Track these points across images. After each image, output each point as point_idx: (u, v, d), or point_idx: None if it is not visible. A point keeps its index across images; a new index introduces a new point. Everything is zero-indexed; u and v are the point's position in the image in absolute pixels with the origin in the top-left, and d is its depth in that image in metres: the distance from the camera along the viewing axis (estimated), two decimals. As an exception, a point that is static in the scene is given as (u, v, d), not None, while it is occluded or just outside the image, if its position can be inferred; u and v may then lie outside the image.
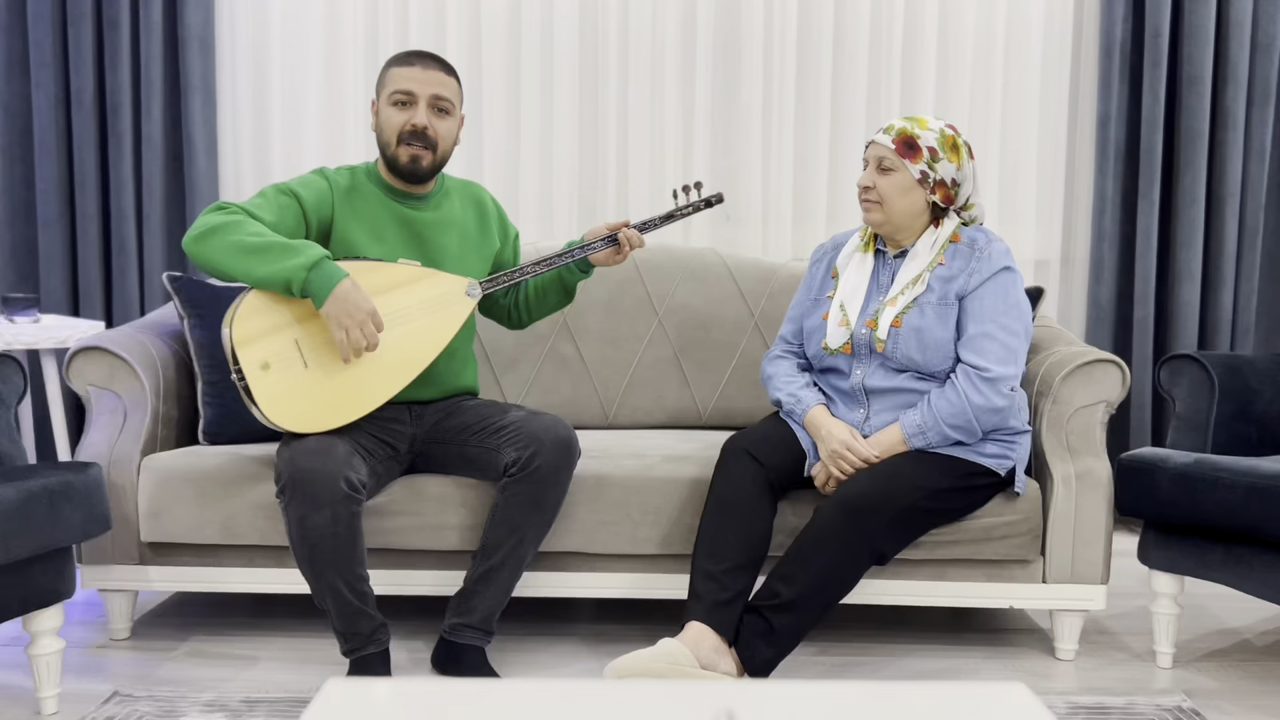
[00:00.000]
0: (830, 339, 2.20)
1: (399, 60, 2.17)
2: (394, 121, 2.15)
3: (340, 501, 1.96)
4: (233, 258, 1.98)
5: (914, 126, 2.14)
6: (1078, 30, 3.25)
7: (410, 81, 2.14)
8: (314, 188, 2.16)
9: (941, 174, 2.14)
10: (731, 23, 3.23)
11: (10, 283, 3.29)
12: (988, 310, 2.11)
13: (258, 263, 1.97)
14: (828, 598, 2.02)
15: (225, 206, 2.05)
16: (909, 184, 2.14)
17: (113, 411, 2.35)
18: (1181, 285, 3.19)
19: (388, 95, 2.16)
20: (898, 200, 2.14)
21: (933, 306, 2.13)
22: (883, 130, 2.17)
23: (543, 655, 2.31)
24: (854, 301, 2.20)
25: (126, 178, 3.20)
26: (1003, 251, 2.15)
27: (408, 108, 2.15)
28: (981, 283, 2.12)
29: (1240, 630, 2.51)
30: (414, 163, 2.16)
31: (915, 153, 2.12)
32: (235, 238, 1.98)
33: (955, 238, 2.18)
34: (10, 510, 1.80)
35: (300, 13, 3.24)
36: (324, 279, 1.97)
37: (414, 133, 2.14)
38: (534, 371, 2.81)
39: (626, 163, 3.25)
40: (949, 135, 2.15)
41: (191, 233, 2.01)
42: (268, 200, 2.10)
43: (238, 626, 2.47)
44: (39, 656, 1.99)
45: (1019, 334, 2.12)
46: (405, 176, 2.19)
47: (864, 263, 2.24)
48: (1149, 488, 2.20)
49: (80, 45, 3.16)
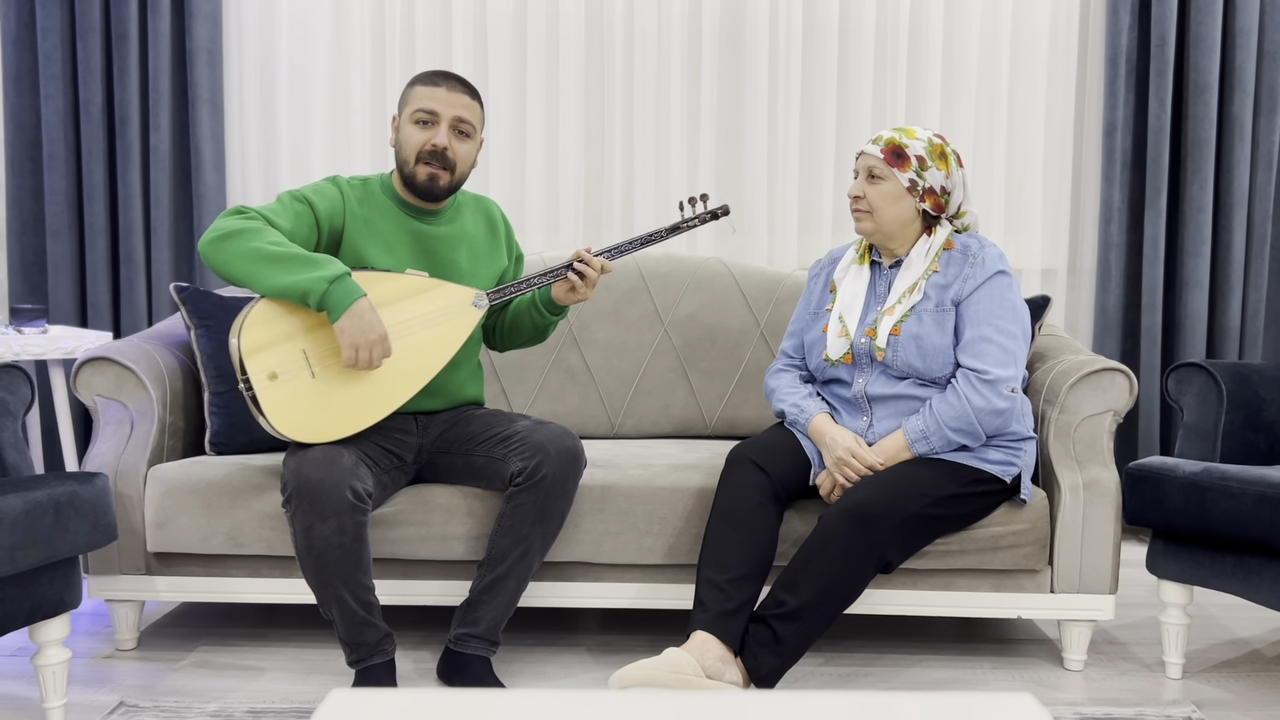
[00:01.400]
0: (830, 350, 2.21)
1: (425, 80, 2.17)
2: (414, 140, 2.16)
3: (346, 512, 1.96)
4: (250, 264, 1.98)
5: (902, 136, 2.17)
6: (1084, 39, 3.25)
7: (434, 101, 2.15)
8: (327, 196, 2.17)
9: (930, 182, 2.16)
10: (737, 33, 3.24)
11: (18, 294, 3.31)
12: (984, 314, 2.12)
13: (277, 271, 1.98)
14: (834, 606, 2.02)
15: (244, 211, 2.05)
16: (898, 192, 2.16)
17: (120, 422, 2.36)
18: (1189, 294, 3.18)
19: (410, 113, 2.16)
20: (887, 209, 2.16)
21: (930, 313, 2.14)
22: (871, 141, 2.20)
23: (548, 666, 2.30)
24: (852, 312, 2.22)
25: (134, 189, 3.22)
26: (996, 256, 2.17)
27: (429, 127, 2.15)
28: (976, 287, 2.13)
29: (1250, 641, 2.50)
30: (431, 181, 2.17)
31: (903, 161, 2.15)
32: (255, 244, 1.99)
33: (949, 245, 2.20)
34: (17, 520, 1.80)
35: (307, 26, 3.25)
36: (344, 294, 1.98)
37: (433, 153, 2.15)
38: (540, 381, 2.81)
39: (632, 173, 3.26)
40: (937, 144, 2.18)
41: (209, 235, 2.01)
42: (284, 207, 2.11)
43: (244, 637, 2.47)
44: (45, 667, 1.99)
45: (1016, 336, 2.13)
46: (422, 195, 2.20)
47: (860, 274, 2.25)
48: (1157, 497, 2.19)
49: (89, 58, 3.18)
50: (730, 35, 3.24)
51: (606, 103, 3.24)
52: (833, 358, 2.21)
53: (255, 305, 2.02)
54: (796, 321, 2.37)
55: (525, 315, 2.31)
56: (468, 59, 3.24)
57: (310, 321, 2.04)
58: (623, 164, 3.25)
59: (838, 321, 2.23)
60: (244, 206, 2.06)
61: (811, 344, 2.29)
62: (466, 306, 2.15)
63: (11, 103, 3.25)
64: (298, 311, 2.03)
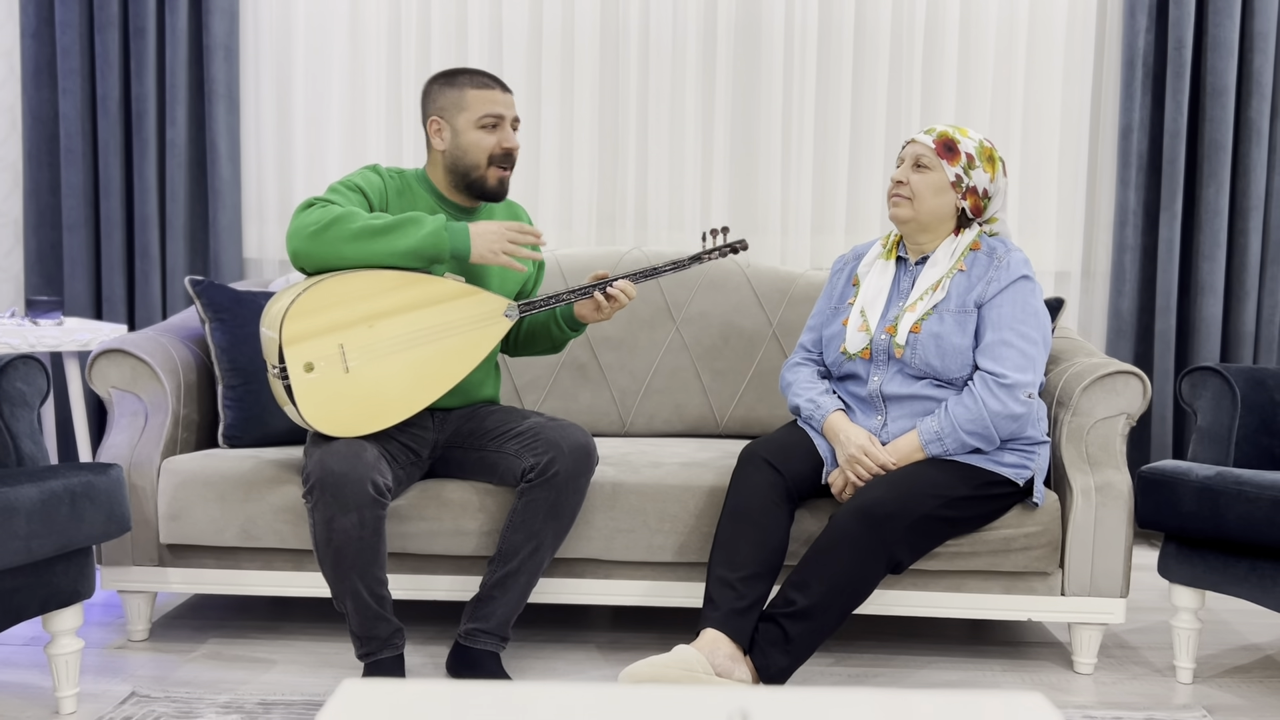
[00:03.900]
0: (850, 344, 2.21)
1: (475, 82, 2.18)
2: (484, 144, 2.17)
3: (368, 505, 1.97)
4: (363, 242, 2.02)
5: (955, 132, 2.18)
6: (1100, 41, 3.24)
7: (497, 105, 2.18)
8: (372, 183, 2.20)
9: (975, 181, 2.16)
10: (752, 34, 3.24)
11: (35, 286, 3.33)
12: (1006, 318, 2.11)
13: (394, 239, 2.02)
14: (844, 605, 2.02)
15: (317, 203, 2.07)
16: (943, 185, 2.16)
17: (134, 414, 2.37)
18: (1204, 298, 3.16)
19: (475, 118, 2.17)
20: (930, 199, 2.16)
21: (951, 314, 2.13)
22: (924, 131, 2.20)
23: (558, 662, 2.31)
24: (875, 307, 2.21)
25: (150, 183, 3.23)
26: (1021, 260, 2.16)
27: (497, 130, 2.18)
28: (1000, 290, 2.12)
29: (1263, 646, 2.49)
30: (501, 184, 2.21)
31: (954, 155, 2.15)
32: (358, 224, 2.02)
33: (975, 245, 2.19)
34: (33, 510, 1.81)
35: (324, 21, 3.26)
36: (459, 232, 2.05)
37: (505, 155, 2.18)
38: (552, 379, 2.81)
39: (645, 173, 3.26)
40: (987, 147, 2.19)
41: (305, 231, 2.02)
42: (343, 195, 2.13)
43: (255, 629, 2.48)
44: (58, 656, 2.00)
45: (1037, 342, 2.12)
46: (490, 196, 2.22)
47: (885, 270, 2.25)
48: (1170, 501, 2.18)
49: (107, 53, 3.19)
50: (745, 35, 3.24)
51: (621, 103, 3.24)
52: (850, 352, 2.21)
53: (299, 296, 2.02)
54: (817, 315, 2.37)
55: (544, 328, 2.33)
56: (483, 59, 3.24)
57: (349, 316, 2.04)
58: (636, 164, 3.26)
59: (859, 315, 2.22)
60: (313, 199, 2.08)
61: (830, 337, 2.28)
62: (498, 316, 2.16)
63: (30, 97, 3.27)
64: (339, 306, 2.04)
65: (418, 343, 2.08)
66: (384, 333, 2.05)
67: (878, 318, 2.20)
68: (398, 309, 2.06)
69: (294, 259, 2.06)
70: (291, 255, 2.05)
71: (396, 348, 2.06)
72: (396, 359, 2.07)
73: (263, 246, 3.34)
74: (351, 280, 2.04)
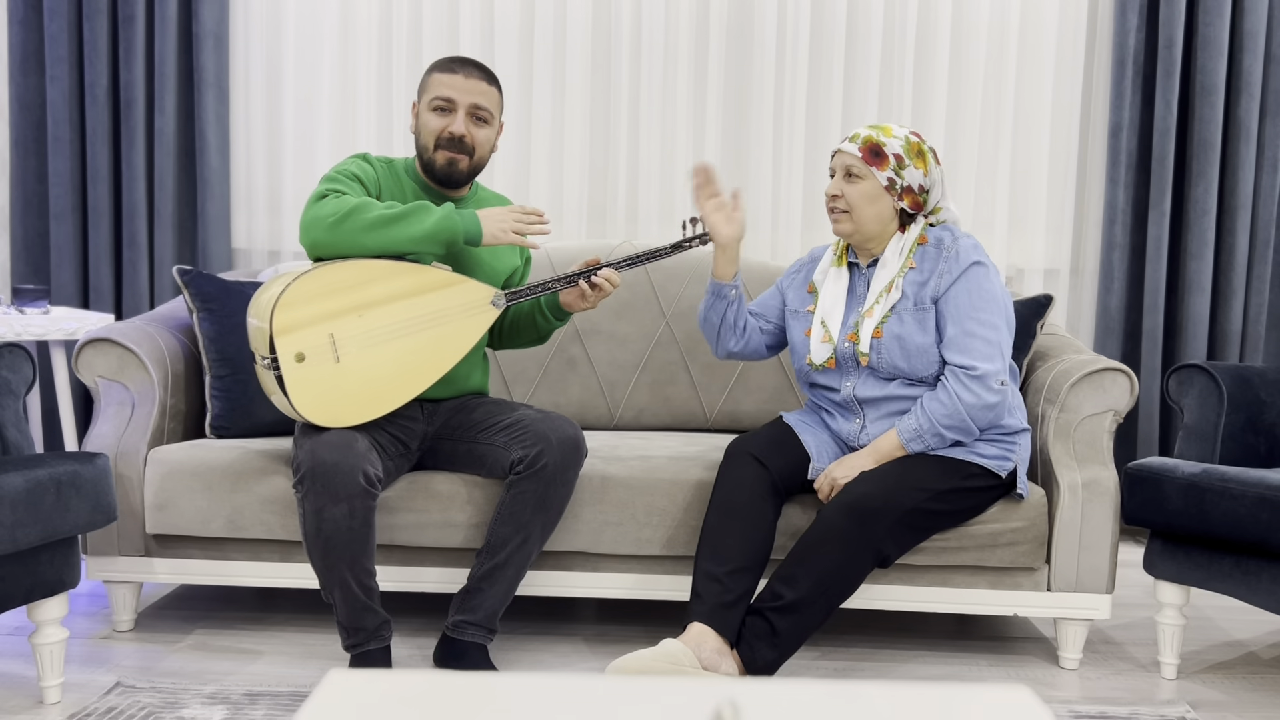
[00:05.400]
0: (815, 355, 2.20)
1: (443, 67, 2.19)
2: (432, 126, 2.18)
3: (358, 495, 1.97)
4: (380, 231, 2.03)
5: (879, 134, 2.14)
6: (1091, 40, 3.25)
7: (451, 89, 2.17)
8: (366, 173, 2.20)
9: (908, 180, 2.14)
10: (744, 27, 3.23)
11: (21, 274, 3.31)
12: (964, 308, 2.10)
13: (410, 225, 2.04)
14: (830, 599, 2.02)
15: (330, 194, 2.07)
16: (876, 191, 2.14)
17: (120, 403, 2.36)
18: (1191, 296, 3.18)
19: (428, 100, 2.19)
20: (866, 208, 2.14)
21: (910, 313, 2.13)
22: (848, 139, 2.17)
23: (545, 654, 2.31)
24: (834, 316, 2.20)
25: (139, 172, 3.22)
26: (970, 246, 2.13)
27: (447, 114, 2.18)
28: (953, 282, 2.11)
29: (1246, 643, 2.50)
30: (450, 166, 2.19)
31: (882, 159, 2.13)
32: (374, 214, 2.04)
33: (922, 239, 2.18)
34: (18, 498, 1.80)
35: (314, 10, 3.25)
36: (469, 216, 2.08)
37: (450, 139, 2.17)
38: (541, 371, 2.81)
39: (637, 166, 3.26)
40: (914, 142, 2.15)
41: (324, 221, 2.02)
42: (348, 185, 2.13)
43: (242, 620, 2.47)
44: (42, 646, 1.99)
45: (999, 327, 2.11)
46: (441, 181, 2.22)
47: (839, 277, 2.24)
48: (1156, 497, 2.19)
49: (95, 40, 3.17)
50: (737, 31, 3.24)
51: (612, 97, 3.23)
52: (816, 363, 2.21)
53: (289, 286, 2.01)
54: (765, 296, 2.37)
55: (528, 318, 2.33)
56: (474, 50, 3.23)
57: (339, 306, 2.04)
58: (628, 158, 3.25)
59: (820, 326, 2.21)
60: (324, 190, 2.08)
61: (794, 346, 2.28)
62: (485, 305, 2.16)
63: (17, 84, 3.25)
64: (329, 296, 2.03)
65: (407, 332, 2.07)
66: (374, 322, 2.05)
67: (838, 326, 2.19)
68: (387, 298, 2.06)
69: (311, 250, 2.06)
70: (309, 246, 2.05)
71: (387, 337, 2.06)
72: (387, 348, 2.06)
73: (251, 236, 3.33)
74: (340, 270, 2.03)
